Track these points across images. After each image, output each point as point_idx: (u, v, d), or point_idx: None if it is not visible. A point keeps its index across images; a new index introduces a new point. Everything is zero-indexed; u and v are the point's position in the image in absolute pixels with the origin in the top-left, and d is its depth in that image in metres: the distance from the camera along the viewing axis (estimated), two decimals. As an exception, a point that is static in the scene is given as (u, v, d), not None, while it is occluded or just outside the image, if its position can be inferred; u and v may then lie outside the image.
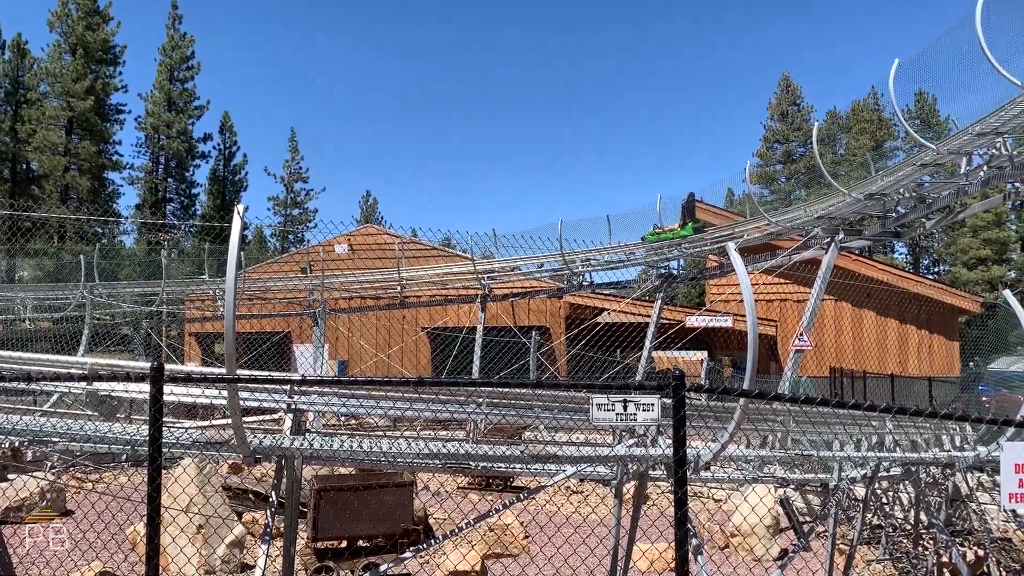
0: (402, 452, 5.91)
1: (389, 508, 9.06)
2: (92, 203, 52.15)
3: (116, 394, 5.97)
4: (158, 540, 4.18)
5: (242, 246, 27.77)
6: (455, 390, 6.23)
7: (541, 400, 6.74)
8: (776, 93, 65.96)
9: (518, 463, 5.84)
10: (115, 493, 10.50)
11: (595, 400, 4.18)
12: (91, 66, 53.87)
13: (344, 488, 9.18)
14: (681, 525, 3.84)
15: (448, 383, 5.57)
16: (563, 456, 5.93)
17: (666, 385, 4.05)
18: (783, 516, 11.55)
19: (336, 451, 5.65)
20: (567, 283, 18.77)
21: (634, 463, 6.15)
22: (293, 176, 67.27)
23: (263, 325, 23.58)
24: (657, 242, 16.22)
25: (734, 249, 5.77)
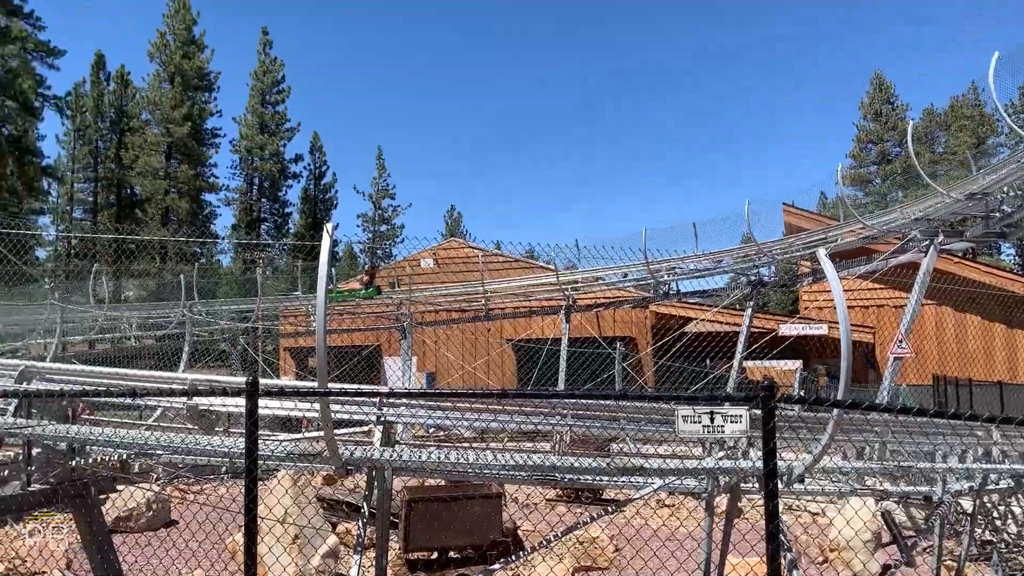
0: (489, 464, 5.94)
1: (478, 519, 9.11)
2: (191, 224, 54.56)
3: (214, 408, 6.21)
4: (256, 549, 4.32)
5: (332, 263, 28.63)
6: (539, 402, 6.23)
7: (627, 412, 6.68)
8: (868, 92, 63.86)
9: (605, 475, 5.80)
10: (215, 504, 10.89)
11: (681, 412, 4.12)
12: (188, 93, 56.44)
13: (433, 499, 9.29)
14: (772, 539, 3.74)
15: (531, 395, 5.59)
16: (650, 469, 5.86)
17: (754, 396, 3.96)
18: (884, 530, 11.10)
19: (424, 462, 5.74)
20: (652, 292, 18.56)
21: (724, 476, 6.03)
22: (380, 193, 68.77)
23: (353, 339, 24.14)
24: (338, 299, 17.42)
25: (825, 255, 5.61)
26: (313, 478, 13.23)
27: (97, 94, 57.70)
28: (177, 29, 56.57)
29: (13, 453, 7.48)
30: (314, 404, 5.68)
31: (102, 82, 58.27)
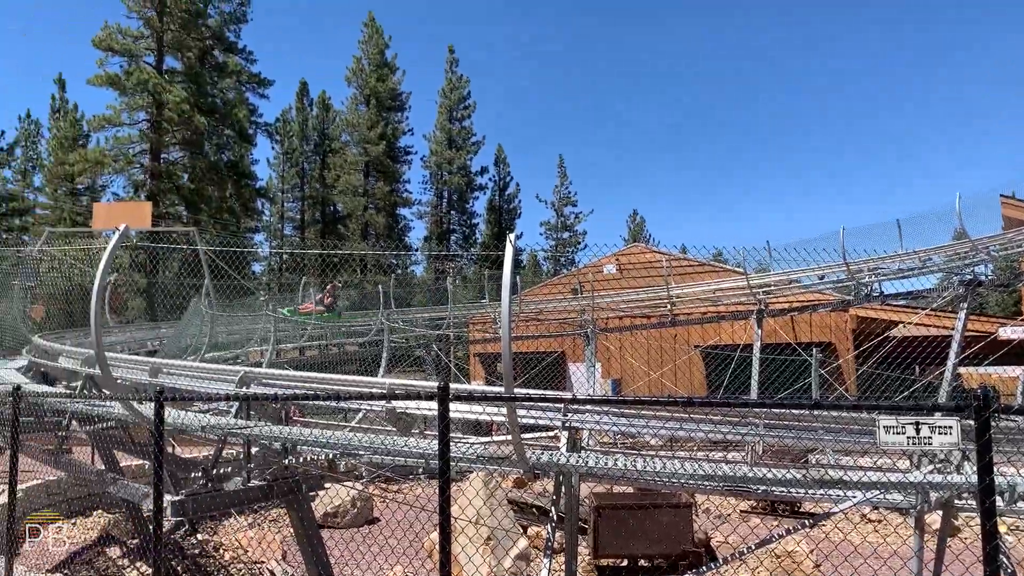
0: (677, 473, 5.83)
1: (667, 529, 8.97)
2: (387, 238, 57.74)
3: (410, 411, 6.52)
4: (450, 548, 4.49)
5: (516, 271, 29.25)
6: (728, 410, 6.05)
7: (824, 422, 6.32)
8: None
9: (801, 488, 5.53)
10: (413, 503, 11.43)
11: (882, 422, 3.85)
12: (382, 114, 59.80)
13: (622, 506, 9.25)
14: (990, 561, 3.41)
15: (717, 403, 5.43)
16: (852, 482, 5.52)
17: (967, 405, 3.63)
18: None
19: (611, 469, 5.73)
20: (853, 295, 17.49)
21: (935, 491, 5.57)
22: (563, 201, 69.48)
23: (539, 345, 24.53)
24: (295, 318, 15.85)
25: (1050, 250, 5.05)
26: (503, 481, 13.57)
27: (302, 119, 62.57)
28: (371, 53, 60.16)
29: (235, 452, 8.23)
30: (501, 408, 5.82)
31: (306, 108, 63.11)
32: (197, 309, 15.50)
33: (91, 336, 7.31)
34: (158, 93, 43.54)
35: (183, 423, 7.72)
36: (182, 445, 15.33)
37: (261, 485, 7.33)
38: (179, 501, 6.72)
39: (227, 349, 20.79)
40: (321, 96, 63.13)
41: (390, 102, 60.70)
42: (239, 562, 10.60)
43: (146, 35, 45.32)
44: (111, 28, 44.20)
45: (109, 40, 43.83)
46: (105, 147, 45.62)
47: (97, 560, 10.31)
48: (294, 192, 63.33)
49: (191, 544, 11.34)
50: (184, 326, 16.29)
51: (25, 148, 61.38)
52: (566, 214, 69.80)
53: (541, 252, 69.25)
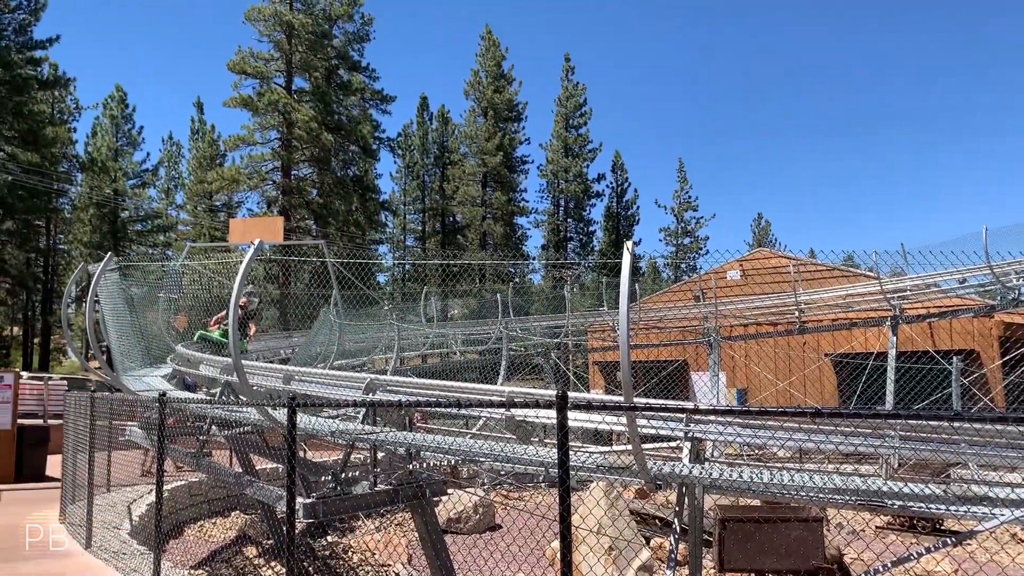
0: (805, 485, 5.62)
1: (796, 543, 8.63)
2: (505, 247, 58.41)
3: (529, 419, 6.55)
4: (571, 557, 4.48)
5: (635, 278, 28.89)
6: (860, 421, 5.77)
7: (966, 435, 5.94)
8: None
9: (940, 504, 5.21)
10: (533, 511, 11.48)
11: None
12: (499, 125, 60.67)
13: (748, 519, 8.97)
14: None
15: (848, 414, 5.19)
16: (998, 498, 5.16)
17: None
18: None
19: (734, 481, 5.57)
20: (999, 299, 16.36)
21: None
22: (683, 206, 68.39)
23: (660, 353, 24.16)
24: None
25: None
26: (625, 491, 13.44)
27: (422, 133, 64.30)
28: (488, 66, 61.17)
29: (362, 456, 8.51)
30: (621, 418, 5.77)
31: (426, 122, 64.81)
32: (326, 318, 16.10)
33: (229, 345, 7.71)
34: (288, 112, 45.74)
35: (314, 428, 8.04)
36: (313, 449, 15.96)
37: (387, 489, 7.53)
38: (310, 503, 6.99)
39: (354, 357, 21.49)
40: (440, 110, 64.76)
41: (507, 113, 61.49)
42: (367, 564, 10.94)
43: (276, 57, 47.72)
44: (244, 52, 46.82)
45: (242, 63, 46.40)
46: (240, 165, 48.33)
47: (235, 559, 10.86)
48: (415, 204, 65.12)
49: (321, 546, 11.79)
50: (314, 335, 16.97)
51: (168, 168, 65.88)
52: (686, 219, 68.70)
53: (661, 258, 68.45)
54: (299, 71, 48.32)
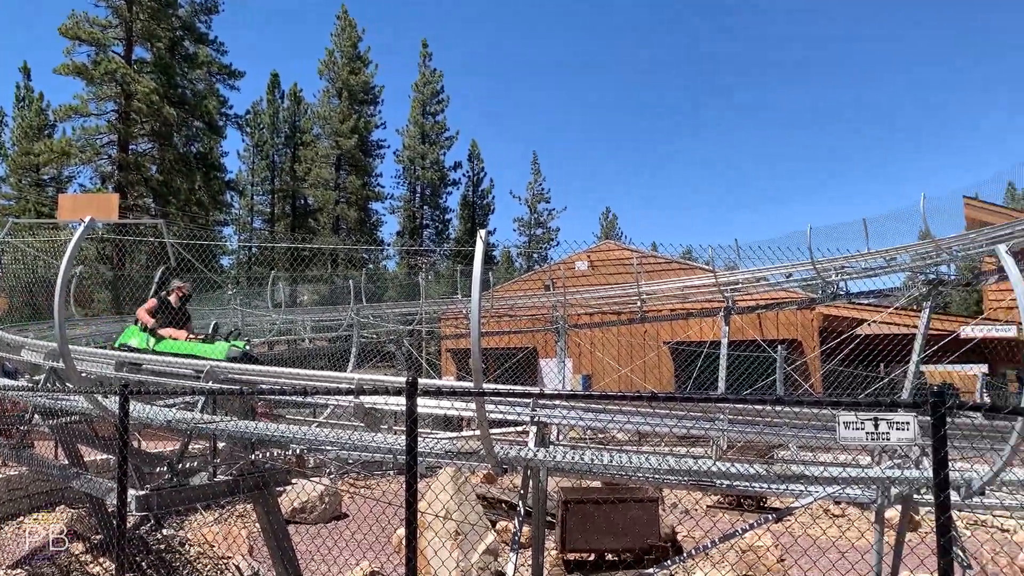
0: (643, 467, 5.90)
1: (634, 523, 9.04)
2: (359, 232, 57.45)
3: (378, 407, 6.51)
4: (416, 543, 4.51)
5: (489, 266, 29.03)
6: (693, 406, 6.12)
7: (788, 418, 6.42)
8: (1064, 71, 58.05)
9: (763, 483, 5.62)
10: (380, 498, 11.43)
11: (842, 418, 3.93)
12: (355, 107, 59.42)
13: (590, 501, 9.32)
14: (944, 554, 3.50)
15: (681, 398, 5.50)
16: (813, 476, 5.61)
17: (923, 402, 3.72)
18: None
19: (577, 463, 5.77)
20: (820, 293, 17.72)
21: (895, 486, 5.69)
22: (536, 197, 69.58)
23: (510, 341, 24.56)
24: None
25: (1006, 251, 5.19)
26: (473, 476, 13.61)
27: (273, 111, 61.98)
28: (344, 46, 59.73)
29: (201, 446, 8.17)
30: (469, 404, 5.85)
31: (277, 100, 62.54)
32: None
33: (55, 329, 7.22)
34: (127, 83, 42.92)
35: (148, 417, 7.64)
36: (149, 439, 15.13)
37: (227, 480, 7.28)
38: (144, 496, 6.66)
39: (195, 343, 20.50)
40: (292, 89, 62.63)
41: (363, 95, 60.34)
42: (205, 557, 10.53)
43: (115, 24, 44.62)
44: (79, 16, 43.49)
45: (76, 29, 43.10)
46: (72, 137, 44.92)
47: (59, 556, 10.18)
48: (264, 185, 62.74)
49: (156, 539, 11.23)
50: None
51: (-12, 137, 60.29)
52: (540, 211, 69.94)
53: (514, 248, 69.37)
54: (140, 40, 45.38)
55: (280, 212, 62.51)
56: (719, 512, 13.57)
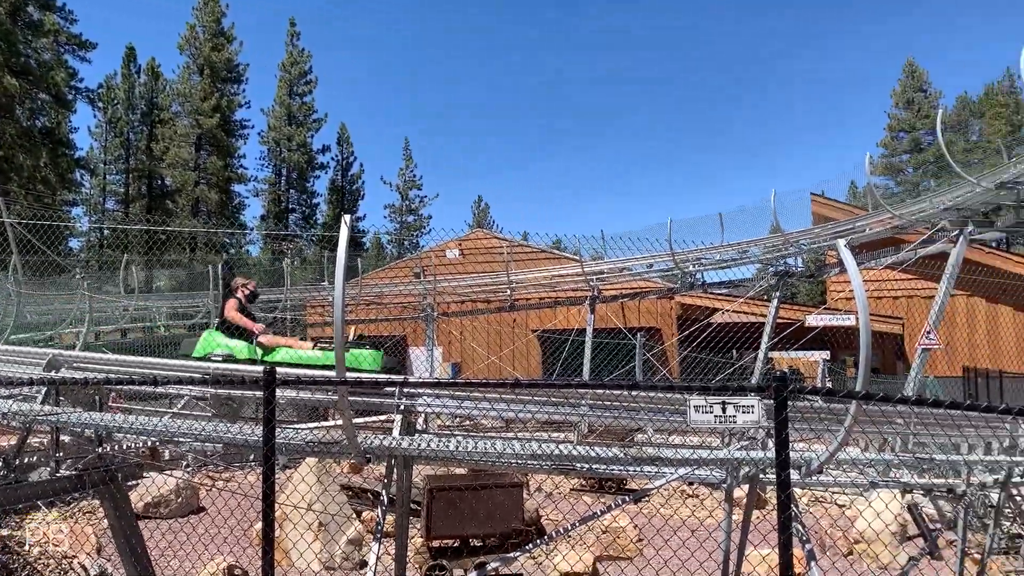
0: (509, 453, 5.97)
1: (500, 508, 9.14)
2: (220, 215, 55.17)
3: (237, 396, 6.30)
4: (273, 536, 4.39)
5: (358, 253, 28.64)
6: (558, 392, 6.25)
7: (647, 403, 6.66)
8: (901, 80, 62.80)
9: (621, 465, 5.81)
10: (237, 491, 11.06)
11: (692, 402, 4.11)
12: (217, 85, 56.93)
13: (456, 488, 9.34)
14: (784, 529, 3.73)
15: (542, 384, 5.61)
16: (668, 458, 5.85)
17: (767, 386, 3.94)
18: (911, 523, 10.97)
19: (441, 451, 5.78)
20: (679, 283, 18.47)
21: (744, 466, 6.00)
22: (408, 184, 69.02)
23: (379, 329, 24.29)
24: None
25: (844, 245, 5.54)
26: (339, 466, 13.39)
27: (128, 86, 58.44)
28: (206, 21, 57.06)
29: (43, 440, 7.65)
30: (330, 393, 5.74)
31: (133, 75, 59.02)
32: (2, 287, 14.24)
33: None
34: (-40, 49, 39.44)
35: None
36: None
37: (71, 475, 6.85)
38: (-29, 495, 6.18)
39: (38, 330, 19.27)
40: (150, 63, 59.24)
41: (226, 73, 57.88)
42: (47, 557, 9.87)
43: (-55, -17, 40.89)
44: (-98, -28, 39.55)
45: (-101, -14, 39.21)
46: None
47: None
48: (118, 163, 59.15)
49: (-9, 541, 10.44)
50: (-15, 305, 14.91)
51: None
52: (411, 197, 69.43)
53: (385, 235, 68.61)
54: (-26, 2, 41.80)
55: (135, 193, 59.15)
56: (581, 495, 13.94)
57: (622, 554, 10.09)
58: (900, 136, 62.05)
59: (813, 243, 16.08)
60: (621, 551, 10.14)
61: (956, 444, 7.38)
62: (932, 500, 11.23)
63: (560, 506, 12.19)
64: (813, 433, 6.08)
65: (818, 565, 5.43)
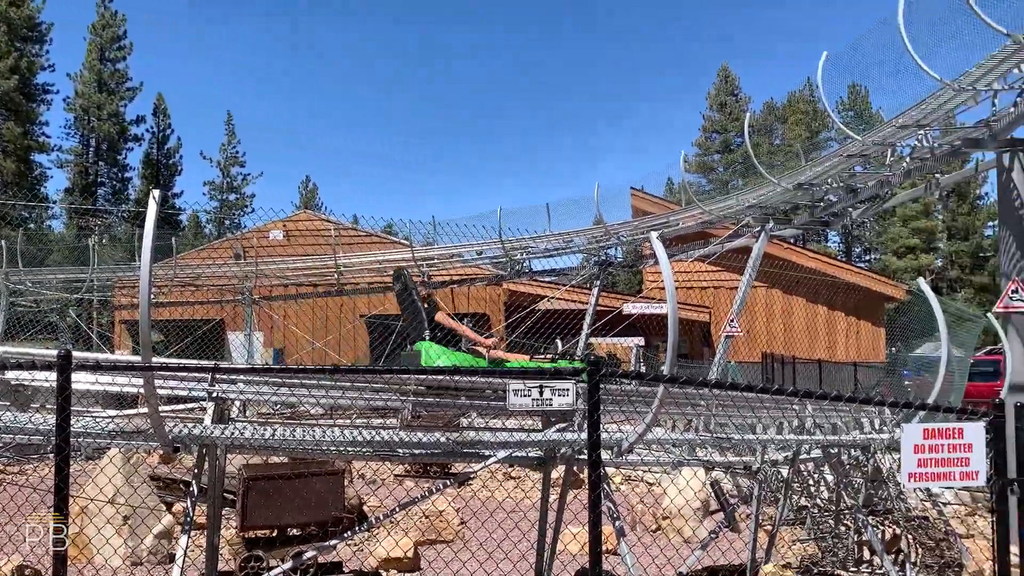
0: (331, 440, 5.87)
1: (320, 496, 8.98)
2: (17, 186, 50.25)
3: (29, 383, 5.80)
4: (66, 531, 4.10)
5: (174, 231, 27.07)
6: (382, 378, 6.21)
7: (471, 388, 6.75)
8: (715, 83, 66.94)
9: (444, 450, 5.86)
10: (36, 485, 10.21)
11: (512, 386, 4.22)
12: (15, 44, 51.76)
13: (273, 477, 9.08)
14: (594, 507, 3.90)
15: (364, 371, 5.56)
16: (489, 442, 5.96)
17: (582, 370, 4.10)
18: (712, 498, 11.80)
19: (254, 440, 5.59)
20: (507, 270, 18.82)
21: (561, 448, 6.23)
22: (230, 160, 65.89)
23: (195, 312, 23.12)
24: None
25: (656, 238, 5.87)
26: (148, 457, 12.66)
27: (-95, 38, 51.98)
28: (3, -27, 51.72)
29: None
30: (133, 379, 5.41)
31: (-89, 26, 52.54)
32: None
33: None
34: None
35: None
36: None
37: None
38: None
39: None
40: (-68, 14, 53.00)
41: (26, 31, 52.72)
42: None
43: None
44: None
45: None
46: None
47: None
48: None
49: None
50: None
51: None
52: (233, 175, 66.38)
53: (204, 213, 65.21)
54: None
55: (-86, 158, 52.82)
56: (408, 480, 13.95)
57: (443, 537, 10.20)
58: (713, 136, 66.21)
59: (632, 235, 16.86)
60: (441, 534, 10.25)
61: (752, 425, 8.00)
62: (731, 476, 12.14)
63: (382, 492, 12.14)
64: (624, 415, 6.39)
65: (626, 540, 5.72)
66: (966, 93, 10.17)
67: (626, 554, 5.63)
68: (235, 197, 66.43)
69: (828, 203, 13.79)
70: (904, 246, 57.78)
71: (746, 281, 13.57)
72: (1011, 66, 9.79)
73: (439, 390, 6.33)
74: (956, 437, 4.46)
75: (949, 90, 10.04)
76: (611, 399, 5.69)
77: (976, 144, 11.28)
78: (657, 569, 7.28)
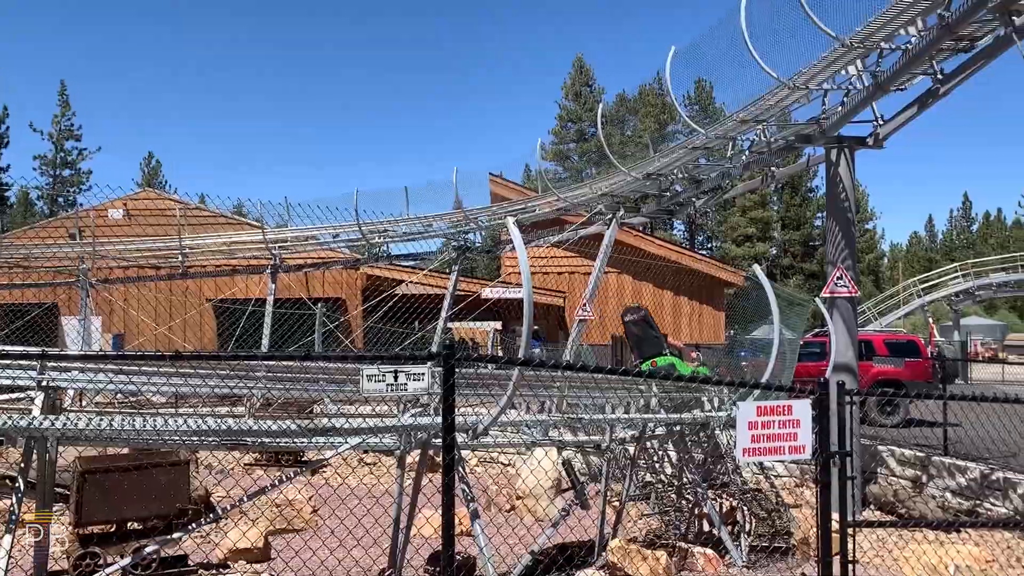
0: (174, 430, 5.62)
1: (163, 488, 8.59)
2: None
3: None
4: None
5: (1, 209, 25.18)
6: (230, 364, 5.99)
7: (329, 374, 6.63)
8: (571, 74, 68.27)
9: (296, 437, 5.74)
10: None
11: (365, 371, 4.18)
12: None
13: (111, 469, 8.60)
14: (448, 490, 3.94)
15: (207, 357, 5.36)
16: (344, 428, 5.89)
17: (437, 354, 4.12)
18: (564, 477, 12.15)
19: (88, 431, 5.28)
20: (365, 254, 18.52)
21: (417, 432, 6.23)
22: (63, 133, 61.22)
23: (25, 296, 21.42)
24: None
25: (513, 223, 5.97)
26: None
27: None
28: None
29: None
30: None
31: None
32: None
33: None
34: None
35: None
36: None
37: None
38: None
39: None
40: None
41: None
42: None
43: None
44: None
45: None
46: None
47: None
48: None
49: None
50: None
51: None
52: (68, 149, 61.73)
53: (35, 189, 60.36)
54: None
55: None
56: (257, 470, 13.57)
57: (294, 526, 10.01)
58: (568, 126, 67.58)
59: (491, 220, 16.99)
60: (292, 523, 10.06)
61: (602, 405, 8.31)
62: (583, 455, 12.56)
63: (229, 482, 11.77)
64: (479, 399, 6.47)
65: (479, 522, 5.81)
66: (800, 91, 10.89)
67: (479, 535, 5.72)
68: (70, 173, 61.86)
69: (674, 193, 14.44)
70: (742, 235, 61.39)
71: (598, 267, 14.01)
72: (839, 67, 10.57)
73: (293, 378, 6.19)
74: (786, 414, 4.80)
75: (785, 88, 10.70)
76: (466, 383, 5.75)
77: (807, 140, 12.13)
78: (509, 548, 7.44)
